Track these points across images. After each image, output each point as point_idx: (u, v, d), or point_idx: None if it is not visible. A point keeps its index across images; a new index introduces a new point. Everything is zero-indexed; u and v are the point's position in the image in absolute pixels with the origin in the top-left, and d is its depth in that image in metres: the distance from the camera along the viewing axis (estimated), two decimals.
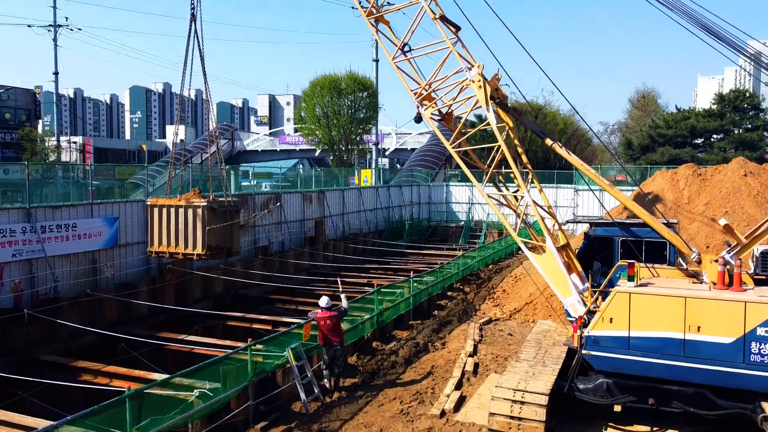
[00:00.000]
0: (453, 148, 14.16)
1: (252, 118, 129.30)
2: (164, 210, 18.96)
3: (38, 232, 18.58)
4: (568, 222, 15.89)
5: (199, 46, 17.93)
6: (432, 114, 14.37)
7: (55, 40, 52.62)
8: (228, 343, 18.50)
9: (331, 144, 43.70)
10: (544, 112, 57.21)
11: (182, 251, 18.63)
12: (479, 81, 13.38)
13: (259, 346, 12.54)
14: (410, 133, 73.55)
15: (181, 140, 73.18)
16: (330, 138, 42.85)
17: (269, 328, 21.35)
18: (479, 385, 13.63)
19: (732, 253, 11.23)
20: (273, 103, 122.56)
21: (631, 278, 11.02)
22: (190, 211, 18.51)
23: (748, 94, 40.84)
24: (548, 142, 14.01)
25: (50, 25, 52.11)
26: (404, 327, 18.66)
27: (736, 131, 38.15)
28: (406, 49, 14.63)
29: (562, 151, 13.83)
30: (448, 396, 12.73)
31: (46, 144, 56.06)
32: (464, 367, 14.61)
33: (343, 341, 13.70)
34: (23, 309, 17.26)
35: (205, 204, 18.31)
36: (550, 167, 79.71)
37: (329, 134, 42.48)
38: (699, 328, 10.22)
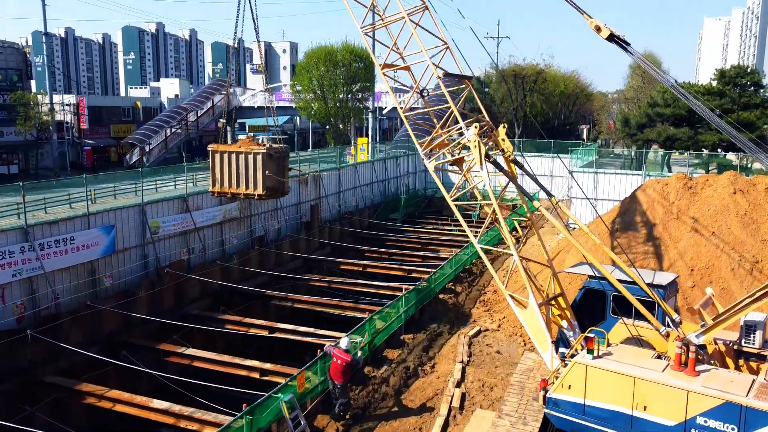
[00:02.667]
0: (452, 201, 14.57)
1: (248, 66, 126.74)
2: (225, 155, 21.29)
3: (37, 249, 18.89)
4: (564, 271, 16.17)
5: None
6: (437, 166, 14.84)
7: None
8: (226, 358, 19.13)
9: (327, 117, 43.33)
10: (543, 76, 56.49)
11: (243, 191, 21.38)
12: (475, 141, 13.82)
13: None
14: (408, 91, 72.58)
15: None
16: (326, 111, 42.43)
17: (266, 333, 22.03)
18: (464, 425, 14.32)
19: (698, 333, 11.53)
20: (269, 51, 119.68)
21: (590, 351, 11.62)
22: (250, 157, 20.89)
23: (749, 70, 40.32)
24: (536, 204, 14.25)
25: None
26: (396, 344, 19.27)
27: (734, 109, 37.79)
28: (425, 94, 15.50)
29: (553, 219, 14.07)
30: None
31: (39, 107, 55.39)
32: (451, 401, 15.28)
33: (345, 384, 14.49)
34: (26, 329, 17.78)
35: (264, 151, 20.89)
36: (552, 132, 79.24)
37: (326, 108, 42.04)
38: (645, 407, 10.80)
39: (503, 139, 14.79)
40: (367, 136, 50.93)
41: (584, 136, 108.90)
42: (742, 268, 18.25)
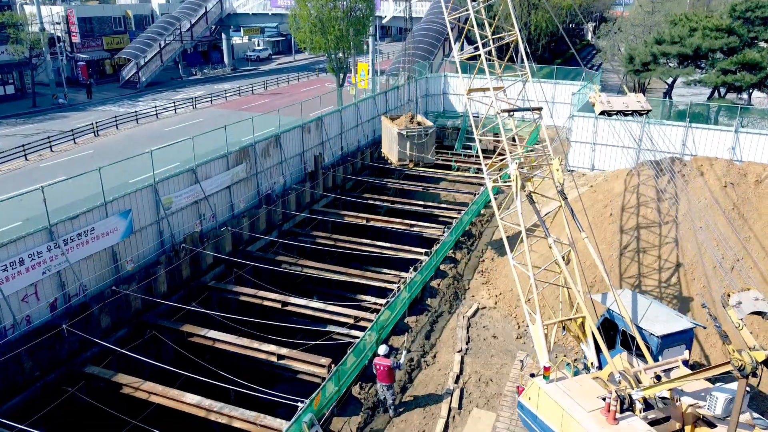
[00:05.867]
0: (501, 218, 16.21)
1: None
2: (385, 127, 29.51)
3: (61, 246, 20.00)
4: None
5: None
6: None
7: None
8: (245, 342, 20.89)
9: (326, 50, 42.57)
10: None
11: (388, 158, 29.63)
12: (515, 174, 15.50)
13: None
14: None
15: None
16: (326, 45, 41.64)
17: (279, 306, 23.74)
18: (462, 427, 16.33)
19: (638, 389, 12.82)
20: None
21: (545, 377, 13.71)
22: (392, 132, 27.77)
23: (760, 4, 39.08)
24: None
25: None
26: (400, 329, 20.96)
27: (742, 47, 37.18)
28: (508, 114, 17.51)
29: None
30: None
31: (29, 26, 53.83)
32: (450, 401, 17.23)
33: (393, 384, 16.68)
34: (61, 323, 19.37)
35: (397, 130, 27.60)
36: (557, 44, 76.84)
37: (325, 41, 41.21)
38: None
39: (557, 170, 15.84)
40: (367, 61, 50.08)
41: (589, 36, 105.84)
42: (723, 267, 19.56)
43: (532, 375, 14.72)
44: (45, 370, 19.00)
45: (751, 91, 39.41)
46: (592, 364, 14.89)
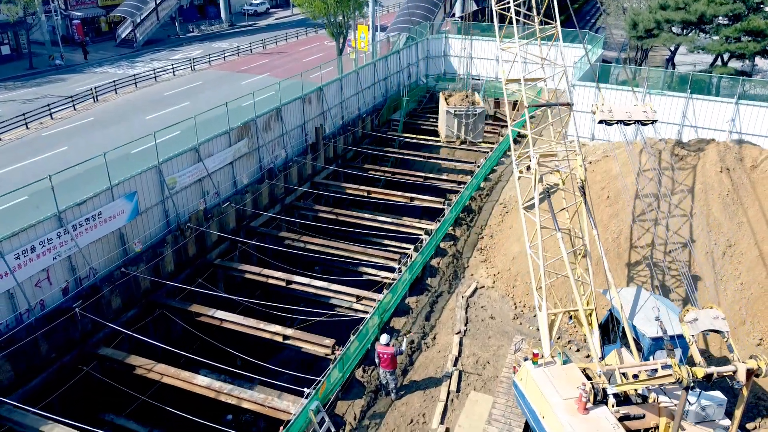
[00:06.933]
0: (524, 208, 16.83)
1: None
2: (440, 103, 36.53)
3: (71, 231, 20.50)
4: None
5: None
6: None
7: None
8: (251, 322, 21.62)
9: (326, 14, 42.00)
10: None
11: (440, 134, 36.23)
12: (534, 170, 16.24)
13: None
14: None
15: None
16: (326, 10, 41.09)
17: (283, 284, 24.42)
18: (461, 410, 17.23)
19: (612, 385, 13.54)
20: None
21: (534, 362, 14.73)
22: (442, 109, 34.52)
23: None
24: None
25: None
26: (401, 310, 21.68)
27: (746, 14, 36.72)
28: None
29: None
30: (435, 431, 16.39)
31: None
32: (449, 384, 18.09)
33: (395, 369, 17.46)
34: (73, 306, 20.08)
35: (446, 109, 34.20)
36: (566, 10, 74.85)
37: (325, 6, 40.65)
38: (543, 417, 13.80)
39: (581, 165, 16.45)
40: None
41: None
42: (715, 253, 20.12)
43: (526, 359, 15.47)
44: (61, 353, 19.80)
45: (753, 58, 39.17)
46: (595, 354, 15.60)
